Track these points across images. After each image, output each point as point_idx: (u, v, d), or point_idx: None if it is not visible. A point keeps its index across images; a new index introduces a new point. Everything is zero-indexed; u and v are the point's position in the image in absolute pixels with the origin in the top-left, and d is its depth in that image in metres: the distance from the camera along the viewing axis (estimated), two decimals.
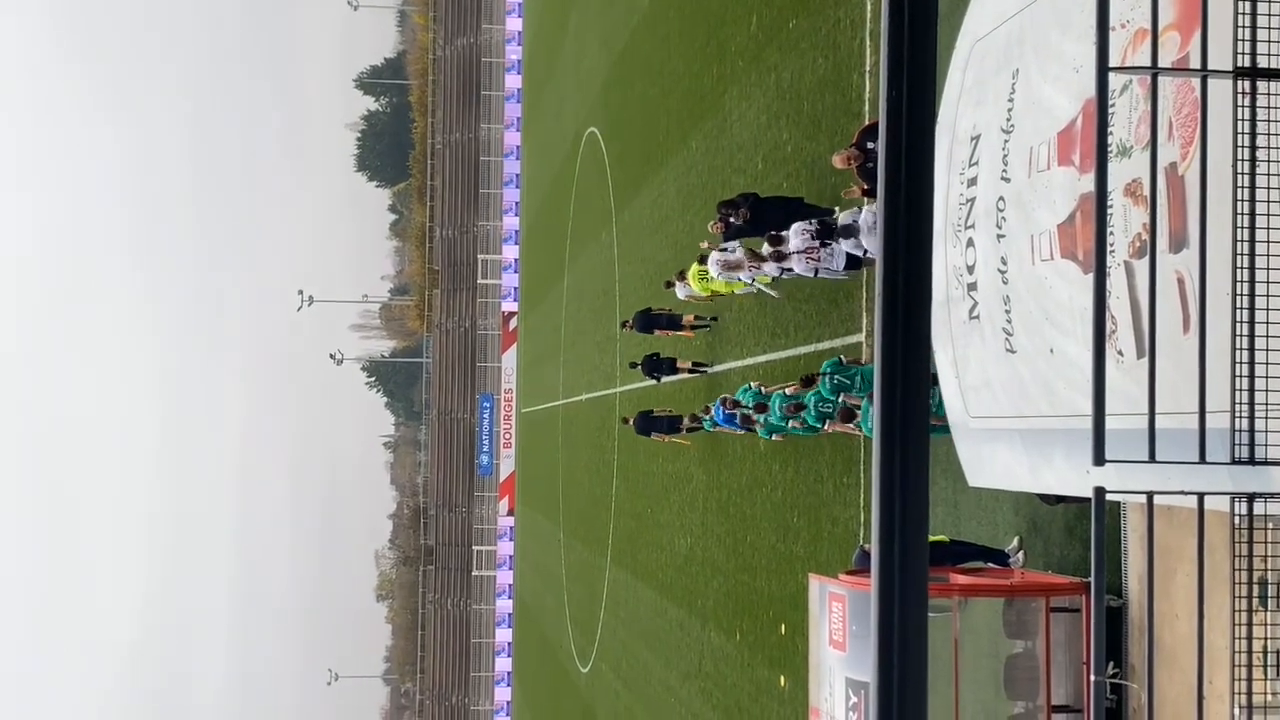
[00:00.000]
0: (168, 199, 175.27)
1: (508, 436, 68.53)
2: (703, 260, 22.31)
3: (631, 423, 29.05)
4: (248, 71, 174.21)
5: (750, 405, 19.70)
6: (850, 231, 16.05)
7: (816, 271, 18.20)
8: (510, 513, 67.77)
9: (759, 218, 18.81)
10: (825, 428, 16.93)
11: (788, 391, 18.62)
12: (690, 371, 27.59)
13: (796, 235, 18.35)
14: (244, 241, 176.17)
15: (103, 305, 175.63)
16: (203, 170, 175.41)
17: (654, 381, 28.87)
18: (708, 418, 24.13)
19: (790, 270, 18.98)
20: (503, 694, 67.09)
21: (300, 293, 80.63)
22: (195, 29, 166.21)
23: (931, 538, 13.40)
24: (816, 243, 17.85)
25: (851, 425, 16.00)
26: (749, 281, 21.40)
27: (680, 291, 25.45)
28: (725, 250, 21.13)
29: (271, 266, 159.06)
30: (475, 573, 70.81)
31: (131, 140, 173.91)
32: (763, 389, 19.91)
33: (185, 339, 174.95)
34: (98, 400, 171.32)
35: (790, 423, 18.06)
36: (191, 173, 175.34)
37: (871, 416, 15.42)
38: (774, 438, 19.37)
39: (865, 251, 16.22)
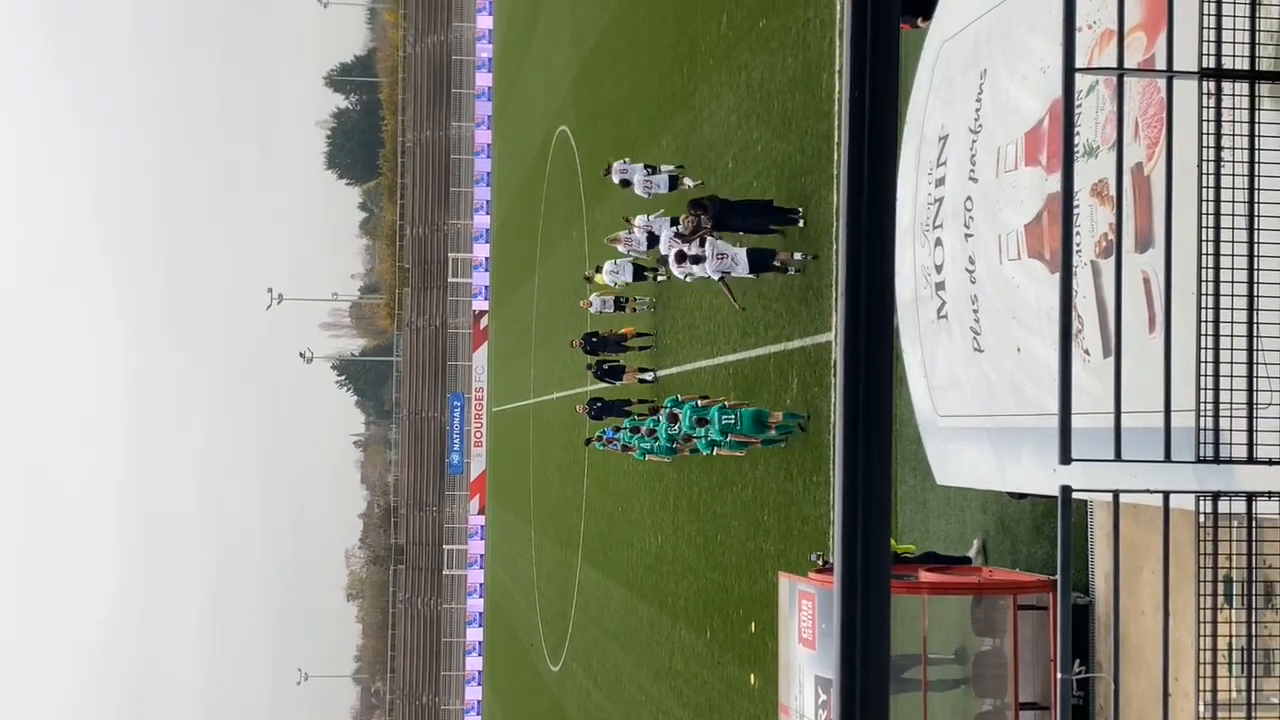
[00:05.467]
0: (139, 195, 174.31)
1: (478, 435, 68.37)
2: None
3: (585, 412, 32.06)
4: (218, 69, 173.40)
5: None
6: (697, 259, 17.04)
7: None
8: (481, 512, 67.64)
9: (723, 222, 19.23)
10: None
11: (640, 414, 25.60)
12: (640, 380, 29.40)
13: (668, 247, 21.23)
14: (213, 239, 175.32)
15: (73, 302, 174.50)
16: (173, 167, 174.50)
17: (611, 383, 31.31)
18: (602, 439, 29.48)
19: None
20: (473, 693, 66.96)
21: (270, 290, 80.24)
22: (166, 26, 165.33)
23: (901, 548, 13.54)
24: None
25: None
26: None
27: (595, 305, 28.32)
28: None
29: (241, 264, 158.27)
30: (446, 572, 70.64)
31: (102, 137, 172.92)
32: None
33: (155, 336, 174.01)
34: (66, 399, 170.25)
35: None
36: (162, 169, 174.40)
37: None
38: (647, 458, 25.70)
39: (723, 275, 17.68)
